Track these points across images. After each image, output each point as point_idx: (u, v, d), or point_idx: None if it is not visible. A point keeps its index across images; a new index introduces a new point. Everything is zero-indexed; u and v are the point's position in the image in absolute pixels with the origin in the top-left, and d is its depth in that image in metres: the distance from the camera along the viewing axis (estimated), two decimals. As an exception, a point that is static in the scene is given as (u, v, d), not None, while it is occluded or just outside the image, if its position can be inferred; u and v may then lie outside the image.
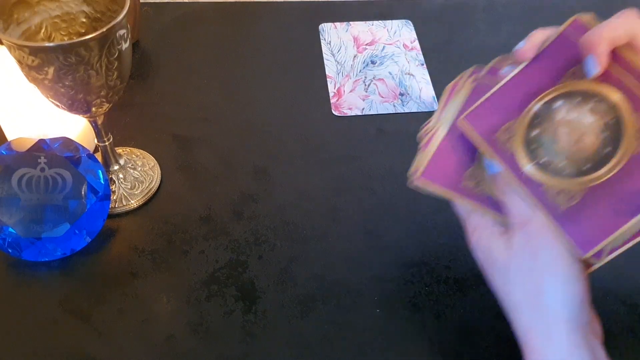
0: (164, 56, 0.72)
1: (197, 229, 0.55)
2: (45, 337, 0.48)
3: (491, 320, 0.49)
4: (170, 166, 0.60)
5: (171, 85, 0.69)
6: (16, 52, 0.44)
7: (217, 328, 0.49)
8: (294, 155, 0.62)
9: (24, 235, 0.51)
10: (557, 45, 0.41)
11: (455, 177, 0.44)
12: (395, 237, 0.55)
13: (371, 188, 0.59)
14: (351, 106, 0.67)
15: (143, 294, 0.51)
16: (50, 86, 0.46)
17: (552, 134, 0.39)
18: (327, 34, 0.76)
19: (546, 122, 0.39)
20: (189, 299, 0.50)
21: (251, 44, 0.74)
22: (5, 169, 0.50)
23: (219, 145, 0.62)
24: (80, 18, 0.51)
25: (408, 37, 0.76)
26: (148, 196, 0.57)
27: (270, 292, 0.51)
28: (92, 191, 0.52)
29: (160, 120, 0.65)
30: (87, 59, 0.44)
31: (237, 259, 0.53)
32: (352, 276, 0.52)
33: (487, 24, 0.78)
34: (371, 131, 0.64)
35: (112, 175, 0.57)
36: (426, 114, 0.66)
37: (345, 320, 0.49)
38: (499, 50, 0.74)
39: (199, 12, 0.79)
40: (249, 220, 0.56)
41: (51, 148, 0.52)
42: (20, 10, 0.47)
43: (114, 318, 0.49)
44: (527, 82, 0.41)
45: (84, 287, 0.51)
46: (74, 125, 0.58)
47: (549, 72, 0.40)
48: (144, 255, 0.53)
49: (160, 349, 0.47)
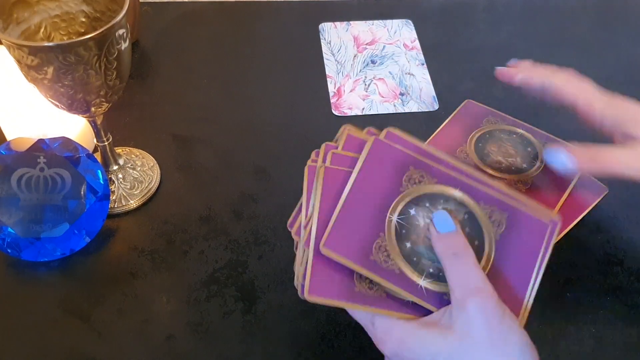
0: (164, 56, 0.72)
1: (196, 229, 0.55)
2: (45, 337, 0.48)
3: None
4: (169, 166, 0.60)
5: (171, 85, 0.69)
6: (15, 52, 0.44)
7: (216, 328, 0.48)
8: (294, 155, 0.62)
9: (23, 235, 0.51)
10: (376, 152, 0.42)
11: (347, 283, 0.40)
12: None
13: (371, 188, 0.58)
14: (351, 106, 0.67)
15: (143, 294, 0.51)
16: (49, 86, 0.46)
17: (423, 242, 0.40)
18: (327, 34, 0.76)
19: (412, 232, 0.41)
20: (189, 299, 0.50)
21: (251, 44, 0.74)
22: (5, 168, 0.50)
23: (219, 145, 0.62)
24: (80, 18, 0.50)
25: (408, 36, 0.76)
26: (147, 196, 0.57)
27: (270, 293, 0.51)
28: (91, 191, 0.52)
29: (160, 120, 0.65)
30: (86, 59, 0.44)
31: (237, 259, 0.53)
32: (352, 276, 0.52)
33: (487, 24, 0.78)
34: (369, 128, 0.64)
35: (111, 175, 0.57)
36: (426, 114, 0.66)
37: (344, 321, 0.49)
38: (499, 50, 0.74)
39: (199, 11, 0.79)
40: (248, 220, 0.56)
41: (50, 148, 0.51)
42: (19, 10, 0.47)
43: (114, 318, 0.49)
44: (367, 193, 0.41)
45: (84, 287, 0.51)
46: (74, 125, 0.58)
47: (385, 180, 0.42)
48: (143, 256, 0.53)
49: (160, 349, 0.47)
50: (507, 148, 0.57)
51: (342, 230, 0.40)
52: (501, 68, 0.53)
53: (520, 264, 0.41)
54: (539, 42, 0.75)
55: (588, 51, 0.74)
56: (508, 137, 0.58)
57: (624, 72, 0.71)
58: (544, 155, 0.53)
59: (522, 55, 0.73)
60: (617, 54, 0.74)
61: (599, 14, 0.80)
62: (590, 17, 0.79)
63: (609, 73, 0.71)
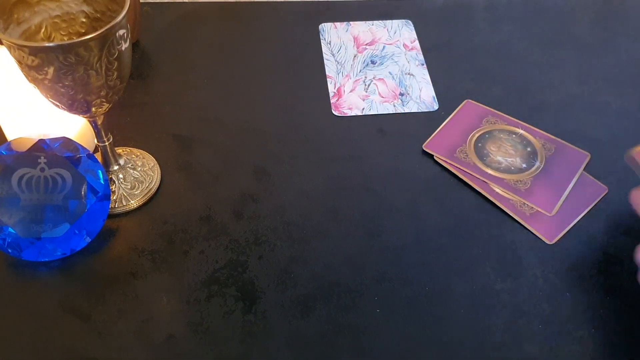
0: (164, 56, 0.72)
1: (197, 229, 0.55)
2: (45, 337, 0.48)
3: (490, 318, 0.49)
4: (170, 166, 0.60)
5: (171, 85, 0.69)
6: (16, 52, 0.44)
7: (217, 328, 0.49)
8: (294, 155, 0.62)
9: (24, 235, 0.51)
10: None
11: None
12: (395, 237, 0.55)
13: (371, 188, 0.58)
14: (351, 106, 0.67)
15: (143, 294, 0.51)
16: (50, 86, 0.46)
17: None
18: (327, 34, 0.76)
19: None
20: (189, 299, 0.50)
21: (251, 44, 0.74)
22: (5, 169, 0.50)
23: (219, 145, 0.62)
24: (80, 18, 0.50)
25: (408, 37, 0.76)
26: (148, 196, 0.57)
27: (270, 292, 0.51)
28: (92, 191, 0.52)
29: (160, 120, 0.65)
30: (86, 59, 0.44)
31: (237, 259, 0.53)
32: (352, 276, 0.52)
33: (487, 24, 0.78)
34: (371, 131, 0.64)
35: (112, 175, 0.57)
36: (426, 114, 0.66)
37: (345, 321, 0.49)
38: (499, 50, 0.74)
39: (199, 12, 0.79)
40: (249, 220, 0.56)
41: (51, 148, 0.52)
42: (20, 10, 0.47)
43: (114, 318, 0.49)
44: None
45: (84, 287, 0.51)
46: (74, 125, 0.58)
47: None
48: (143, 256, 0.53)
49: (160, 349, 0.47)
50: (506, 148, 0.57)
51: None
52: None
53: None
54: (538, 42, 0.75)
55: (588, 51, 0.74)
56: (508, 137, 0.58)
57: (624, 72, 0.71)
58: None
59: (522, 55, 0.73)
60: (617, 54, 0.74)
61: (599, 14, 0.80)
62: (590, 17, 0.79)
63: (609, 73, 0.71)
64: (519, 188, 0.55)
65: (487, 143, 0.58)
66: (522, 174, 0.56)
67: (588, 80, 0.70)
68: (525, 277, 0.52)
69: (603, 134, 0.64)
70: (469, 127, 0.60)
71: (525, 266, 0.53)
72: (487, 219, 0.56)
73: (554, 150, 0.59)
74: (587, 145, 0.62)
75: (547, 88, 0.69)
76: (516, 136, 0.58)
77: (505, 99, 0.67)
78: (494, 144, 0.57)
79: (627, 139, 0.63)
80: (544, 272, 0.52)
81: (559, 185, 0.56)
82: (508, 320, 0.49)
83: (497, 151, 0.56)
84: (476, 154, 0.57)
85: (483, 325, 0.49)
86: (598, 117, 0.66)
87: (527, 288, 0.51)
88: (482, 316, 0.50)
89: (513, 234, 0.55)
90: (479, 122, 0.60)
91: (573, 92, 0.69)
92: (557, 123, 0.65)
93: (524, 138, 0.59)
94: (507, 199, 0.54)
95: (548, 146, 0.59)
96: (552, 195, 0.55)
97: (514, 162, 0.56)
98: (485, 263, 0.53)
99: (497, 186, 0.55)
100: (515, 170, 0.56)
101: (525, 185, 0.55)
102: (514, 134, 0.58)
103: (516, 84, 0.69)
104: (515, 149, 0.58)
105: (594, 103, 0.67)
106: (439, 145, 0.59)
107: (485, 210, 0.57)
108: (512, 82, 0.70)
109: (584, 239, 0.55)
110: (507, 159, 0.56)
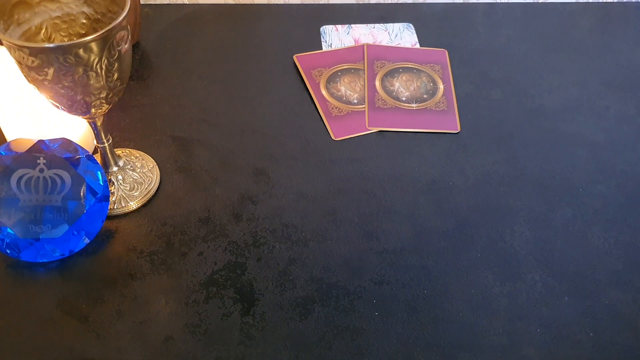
0: (164, 58, 0.73)
1: (196, 231, 0.55)
2: (44, 338, 0.48)
3: (489, 322, 0.49)
4: (169, 168, 0.60)
5: (171, 86, 0.69)
6: (16, 53, 0.44)
7: (215, 330, 0.49)
8: (294, 157, 0.62)
9: (23, 236, 0.51)
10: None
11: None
12: (393, 239, 0.55)
13: (370, 190, 0.59)
14: (351, 109, 0.67)
15: (141, 295, 0.51)
16: (49, 87, 0.46)
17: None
18: (328, 37, 0.76)
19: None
20: (188, 300, 0.50)
21: (252, 46, 0.74)
22: (5, 169, 0.50)
23: (219, 147, 0.62)
24: (81, 19, 0.51)
25: (409, 40, 0.76)
26: (147, 198, 0.57)
27: (269, 294, 0.51)
28: (91, 192, 0.52)
29: (160, 122, 0.65)
30: (86, 60, 0.44)
31: (236, 260, 0.53)
32: (351, 279, 0.52)
33: (487, 28, 0.78)
34: (371, 134, 0.64)
35: (111, 176, 0.57)
36: (426, 117, 0.66)
37: (343, 323, 0.49)
38: (499, 53, 0.74)
39: (199, 13, 0.79)
40: (248, 222, 0.56)
41: (50, 149, 0.52)
42: (20, 11, 0.47)
43: (112, 319, 0.49)
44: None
45: (83, 288, 0.51)
46: (74, 126, 0.58)
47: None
48: (142, 257, 0.53)
49: (158, 350, 0.47)
50: (354, 85, 0.68)
51: None
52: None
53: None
54: (538, 46, 0.75)
55: (587, 55, 0.74)
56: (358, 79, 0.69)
57: (623, 76, 0.71)
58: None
59: (521, 59, 0.73)
60: (616, 58, 0.74)
61: (598, 18, 0.80)
62: (589, 22, 0.79)
63: (608, 77, 0.71)
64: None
65: (343, 76, 0.68)
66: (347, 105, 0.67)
67: (587, 84, 0.70)
68: (523, 281, 0.52)
69: (602, 137, 0.64)
70: (341, 60, 0.70)
71: (523, 270, 0.53)
72: (486, 223, 0.56)
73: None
74: (586, 149, 0.62)
75: (547, 92, 0.69)
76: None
77: (504, 102, 0.68)
78: (347, 77, 0.68)
79: (626, 143, 0.63)
80: (542, 276, 0.52)
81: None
82: (506, 324, 0.49)
83: (347, 84, 0.67)
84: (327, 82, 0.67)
85: (481, 329, 0.49)
86: (597, 121, 0.66)
87: (526, 292, 0.51)
88: (480, 320, 0.50)
89: (512, 237, 0.55)
90: (357, 60, 0.70)
91: (572, 96, 0.69)
92: (556, 126, 0.65)
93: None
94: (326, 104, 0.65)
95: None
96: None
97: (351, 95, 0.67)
98: (484, 267, 0.53)
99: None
100: (345, 101, 0.66)
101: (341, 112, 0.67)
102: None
103: (515, 88, 0.69)
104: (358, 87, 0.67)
105: (593, 107, 0.68)
106: (307, 61, 0.70)
107: (485, 214, 0.57)
108: (512, 85, 0.70)
109: (583, 239, 0.55)
110: (347, 91, 0.67)
